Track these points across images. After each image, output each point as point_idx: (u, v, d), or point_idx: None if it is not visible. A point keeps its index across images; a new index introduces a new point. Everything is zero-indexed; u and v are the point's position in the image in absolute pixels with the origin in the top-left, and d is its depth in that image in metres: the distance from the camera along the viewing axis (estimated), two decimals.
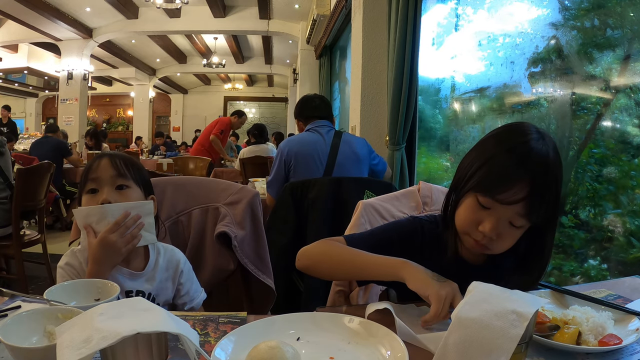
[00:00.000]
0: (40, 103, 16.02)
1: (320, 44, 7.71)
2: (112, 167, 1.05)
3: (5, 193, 2.82)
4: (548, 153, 0.87)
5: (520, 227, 0.89)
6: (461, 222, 0.94)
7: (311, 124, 2.61)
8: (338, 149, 2.47)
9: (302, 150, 2.51)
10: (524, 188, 0.84)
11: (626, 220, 1.95)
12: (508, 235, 0.89)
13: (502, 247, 0.91)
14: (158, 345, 0.63)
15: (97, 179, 1.04)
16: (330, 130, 2.56)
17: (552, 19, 2.39)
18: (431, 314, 0.79)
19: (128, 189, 1.06)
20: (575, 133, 2.29)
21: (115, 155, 1.09)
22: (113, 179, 1.05)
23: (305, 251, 1.01)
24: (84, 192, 1.05)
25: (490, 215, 0.88)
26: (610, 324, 0.77)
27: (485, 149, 0.92)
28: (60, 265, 1.05)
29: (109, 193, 1.03)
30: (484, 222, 0.88)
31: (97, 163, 1.06)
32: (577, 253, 2.20)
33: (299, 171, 2.49)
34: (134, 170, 1.08)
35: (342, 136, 2.53)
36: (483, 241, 0.90)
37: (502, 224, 0.88)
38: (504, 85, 2.80)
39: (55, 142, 5.31)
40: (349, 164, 2.47)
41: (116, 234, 0.98)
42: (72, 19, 8.60)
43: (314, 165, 2.47)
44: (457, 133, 3.33)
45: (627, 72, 1.95)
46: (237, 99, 18.14)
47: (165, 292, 1.10)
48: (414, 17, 3.00)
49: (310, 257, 1.00)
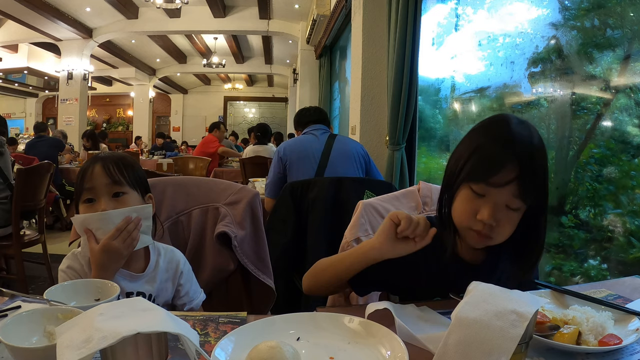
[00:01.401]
0: (40, 103, 16.02)
1: (320, 44, 7.71)
2: (106, 175, 1.03)
3: (5, 193, 2.82)
4: (531, 135, 0.90)
5: (517, 210, 0.90)
6: (459, 216, 0.94)
7: (307, 128, 2.79)
8: (331, 148, 2.61)
9: (296, 149, 2.68)
10: (514, 169, 0.86)
11: (626, 220, 1.95)
12: (506, 220, 0.90)
13: (503, 233, 0.91)
14: (158, 345, 0.63)
15: (92, 189, 1.02)
16: (325, 133, 2.73)
17: (552, 19, 2.39)
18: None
19: (125, 195, 1.04)
20: (575, 133, 2.28)
21: (107, 159, 1.06)
22: (108, 187, 1.03)
23: (306, 275, 1.06)
24: (81, 201, 1.04)
25: (486, 202, 0.89)
26: (610, 324, 0.77)
27: (470, 141, 0.95)
28: (61, 268, 1.05)
29: (106, 203, 1.02)
30: (481, 210, 0.89)
31: (91, 170, 1.03)
32: (577, 253, 2.20)
33: (294, 169, 2.63)
34: (129, 173, 1.06)
35: (336, 137, 2.69)
36: (484, 230, 0.90)
37: (499, 209, 0.89)
38: (504, 85, 2.80)
39: (52, 140, 5.32)
40: (342, 162, 2.58)
41: (118, 239, 0.98)
42: (72, 19, 8.60)
43: (308, 164, 2.60)
44: (457, 133, 3.33)
45: (627, 72, 1.95)
46: (237, 99, 18.14)
47: (165, 293, 1.10)
48: (414, 17, 3.00)
49: (308, 277, 1.05)
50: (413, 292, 1.01)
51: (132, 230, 1.00)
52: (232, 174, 5.24)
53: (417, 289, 1.01)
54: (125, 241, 0.99)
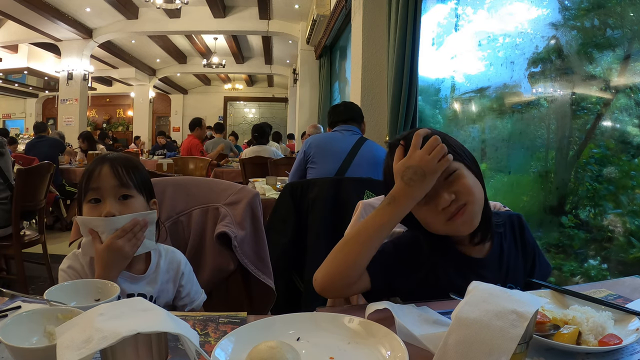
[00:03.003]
0: (40, 103, 16.02)
1: (320, 44, 7.71)
2: (114, 176, 1.02)
3: (6, 193, 2.82)
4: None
5: (456, 171, 0.91)
6: (429, 222, 0.94)
7: (336, 127, 2.73)
8: (358, 150, 2.56)
9: (322, 144, 2.65)
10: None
11: (626, 220, 1.95)
12: (461, 185, 0.91)
13: (470, 196, 0.91)
14: (158, 345, 0.63)
15: (98, 189, 1.01)
16: (354, 135, 2.66)
17: (552, 19, 2.39)
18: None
19: (131, 198, 1.04)
20: (575, 133, 2.29)
21: (115, 160, 1.04)
22: (116, 190, 1.02)
23: (318, 271, 0.94)
24: (85, 200, 1.03)
25: (432, 194, 0.90)
26: (610, 324, 0.77)
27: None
28: (62, 268, 1.05)
29: (112, 205, 1.00)
30: (436, 201, 0.90)
31: (99, 171, 1.02)
32: (577, 253, 2.20)
33: (316, 164, 2.61)
34: (136, 176, 1.05)
35: (365, 141, 2.63)
36: (454, 209, 0.90)
37: (443, 185, 0.90)
38: (504, 85, 2.80)
39: (52, 141, 5.32)
40: (366, 166, 2.53)
41: (123, 239, 0.98)
42: (72, 19, 8.61)
43: (330, 161, 2.56)
44: (457, 133, 3.33)
45: (627, 72, 1.96)
46: (237, 99, 18.15)
47: (166, 294, 1.10)
48: (414, 17, 3.00)
49: (322, 268, 0.93)
50: (413, 292, 1.00)
51: (138, 232, 1.00)
52: (232, 174, 5.24)
53: (429, 290, 0.97)
54: (130, 241, 0.99)
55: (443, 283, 0.95)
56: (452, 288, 0.88)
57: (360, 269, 0.91)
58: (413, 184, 0.88)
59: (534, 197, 2.58)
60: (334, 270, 0.91)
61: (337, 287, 0.93)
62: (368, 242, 0.90)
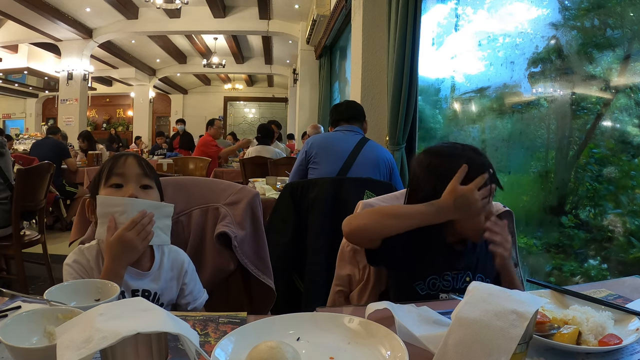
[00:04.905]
0: (40, 103, 16.01)
1: (320, 44, 7.71)
2: (139, 166, 1.09)
3: (6, 193, 2.82)
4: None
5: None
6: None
7: (338, 127, 2.70)
8: (360, 151, 2.54)
9: (323, 144, 2.63)
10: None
11: (626, 220, 1.95)
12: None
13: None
14: (158, 345, 0.63)
15: (123, 175, 1.07)
16: (356, 135, 2.63)
17: (552, 19, 2.39)
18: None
19: (151, 189, 1.10)
20: (575, 133, 2.29)
21: (139, 156, 1.13)
22: (139, 178, 1.08)
23: (353, 217, 1.16)
24: (106, 185, 1.07)
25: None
26: (610, 324, 0.77)
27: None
28: (67, 262, 1.05)
29: (135, 189, 1.06)
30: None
31: (124, 160, 1.09)
32: (577, 253, 2.20)
33: (318, 164, 2.59)
34: (153, 174, 1.13)
35: (367, 141, 2.60)
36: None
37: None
38: (504, 85, 2.80)
39: (55, 143, 5.31)
40: (368, 168, 2.51)
41: (133, 231, 1.00)
42: (72, 19, 8.61)
43: (331, 162, 2.54)
44: (457, 133, 3.33)
45: (627, 72, 1.96)
46: (237, 99, 18.15)
47: (169, 292, 1.12)
48: (414, 17, 3.00)
49: (362, 218, 1.15)
50: (413, 292, 1.06)
51: (147, 224, 1.02)
52: (232, 174, 5.23)
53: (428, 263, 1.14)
54: (140, 234, 1.01)
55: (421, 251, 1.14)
56: (425, 260, 1.13)
57: (385, 236, 1.10)
58: (459, 210, 1.06)
59: (534, 197, 2.58)
60: (371, 226, 1.10)
61: (363, 236, 1.13)
62: (403, 226, 1.09)
